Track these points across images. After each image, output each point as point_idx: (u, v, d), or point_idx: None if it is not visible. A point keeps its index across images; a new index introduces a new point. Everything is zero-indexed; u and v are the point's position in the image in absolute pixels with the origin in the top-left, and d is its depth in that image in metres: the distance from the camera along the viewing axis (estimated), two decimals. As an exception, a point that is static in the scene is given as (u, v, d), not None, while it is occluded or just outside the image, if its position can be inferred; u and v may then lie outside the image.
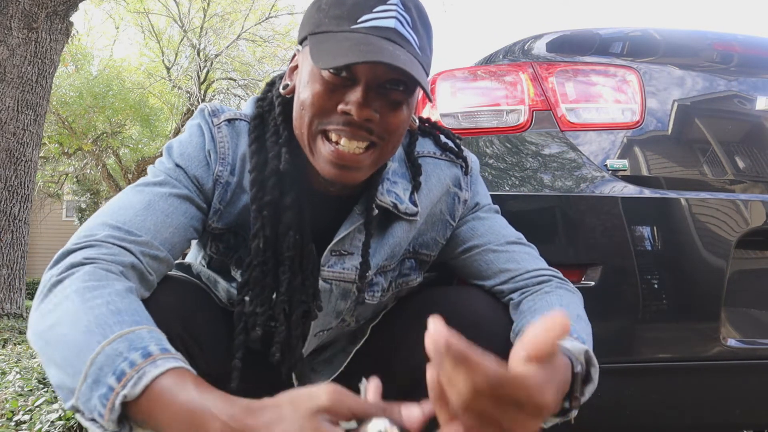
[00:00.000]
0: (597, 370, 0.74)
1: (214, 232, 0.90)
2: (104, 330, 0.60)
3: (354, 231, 0.90)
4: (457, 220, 0.98)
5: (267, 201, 0.82)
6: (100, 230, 0.75)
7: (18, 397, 1.92)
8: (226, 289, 0.93)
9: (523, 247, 0.96)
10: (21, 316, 4.76)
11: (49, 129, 11.89)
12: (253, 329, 0.83)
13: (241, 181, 0.87)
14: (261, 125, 0.88)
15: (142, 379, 0.56)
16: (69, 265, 0.69)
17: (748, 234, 1.25)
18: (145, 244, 0.76)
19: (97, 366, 0.58)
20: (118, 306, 0.63)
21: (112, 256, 0.71)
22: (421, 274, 1.02)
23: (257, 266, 0.83)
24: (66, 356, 0.61)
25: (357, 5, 0.76)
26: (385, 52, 0.72)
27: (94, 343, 0.59)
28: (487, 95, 1.36)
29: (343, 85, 0.76)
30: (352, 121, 0.75)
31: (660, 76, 1.37)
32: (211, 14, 13.52)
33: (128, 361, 0.57)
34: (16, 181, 4.81)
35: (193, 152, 0.86)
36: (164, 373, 0.57)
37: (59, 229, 19.98)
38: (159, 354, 0.59)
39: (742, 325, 1.26)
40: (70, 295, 0.65)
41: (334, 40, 0.75)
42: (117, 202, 0.80)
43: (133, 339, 0.59)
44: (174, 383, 0.56)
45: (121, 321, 0.61)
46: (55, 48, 4.99)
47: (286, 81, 0.87)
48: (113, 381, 0.57)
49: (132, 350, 0.58)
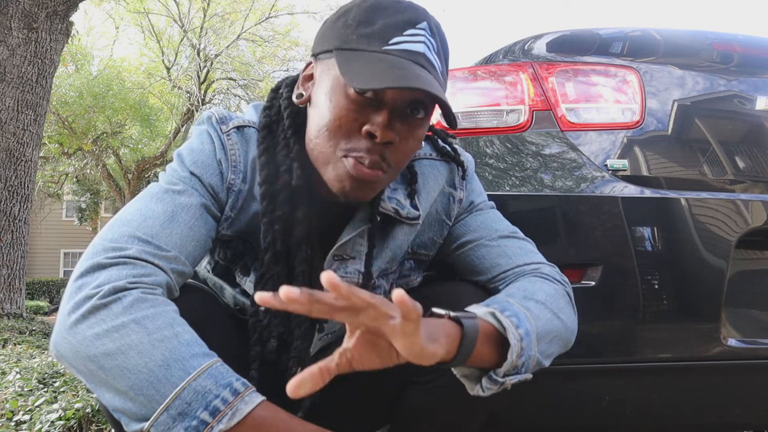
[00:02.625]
0: (515, 335, 0.75)
1: (223, 239, 0.90)
2: (183, 365, 0.66)
3: (356, 236, 0.90)
4: (453, 219, 0.99)
5: (278, 215, 0.82)
6: (128, 244, 0.74)
7: (18, 397, 1.92)
8: (232, 296, 0.94)
9: (516, 241, 0.96)
10: (21, 316, 4.75)
11: (49, 129, 11.89)
12: (268, 341, 0.84)
13: (251, 189, 0.87)
14: (270, 136, 0.87)
15: (236, 415, 0.65)
16: (112, 289, 0.69)
17: (748, 234, 1.25)
18: (174, 259, 0.76)
19: (184, 400, 0.64)
20: (186, 337, 0.69)
21: (150, 277, 0.73)
22: (420, 274, 1.03)
23: (270, 279, 0.84)
24: (136, 385, 0.65)
25: (388, 27, 0.75)
26: (420, 78, 0.72)
27: (176, 378, 0.65)
28: (487, 95, 1.36)
29: (368, 105, 0.75)
30: (373, 147, 0.76)
31: (660, 76, 1.37)
32: (211, 14, 13.53)
33: (220, 398, 0.65)
34: (16, 181, 4.80)
35: (206, 160, 0.85)
36: (255, 408, 0.66)
37: (59, 229, 19.98)
38: (244, 391, 0.66)
39: (742, 325, 1.26)
40: (129, 324, 0.67)
41: (367, 60, 0.74)
42: (140, 212, 0.79)
43: (216, 375, 0.66)
44: (270, 415, 0.67)
45: (193, 354, 0.67)
46: (55, 48, 4.99)
47: (300, 90, 0.85)
48: (206, 416, 0.64)
49: (220, 387, 0.65)
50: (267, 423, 0.66)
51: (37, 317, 5.27)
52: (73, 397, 1.90)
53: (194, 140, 0.88)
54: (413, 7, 0.78)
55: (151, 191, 0.82)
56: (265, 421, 0.66)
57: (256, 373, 0.83)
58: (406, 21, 0.76)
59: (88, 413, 1.74)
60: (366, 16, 0.77)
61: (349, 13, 0.79)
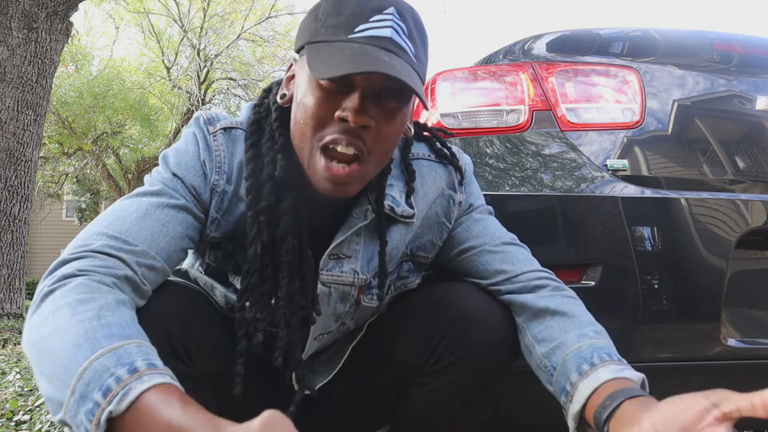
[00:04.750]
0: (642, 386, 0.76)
1: (212, 242, 0.90)
2: (93, 344, 0.60)
3: (352, 235, 0.91)
4: (452, 221, 0.99)
5: (263, 207, 0.82)
6: (95, 240, 0.74)
7: (18, 397, 1.92)
8: (223, 294, 0.93)
9: (517, 247, 0.97)
10: (21, 316, 4.75)
11: (49, 129, 11.89)
12: (254, 335, 0.84)
13: (237, 190, 0.87)
14: (257, 131, 0.87)
15: (128, 395, 0.56)
16: (61, 276, 0.68)
17: (748, 234, 1.25)
18: (141, 254, 0.76)
19: (84, 381, 0.58)
20: (109, 320, 0.63)
21: (106, 268, 0.71)
22: (419, 276, 1.02)
23: (255, 272, 0.84)
24: (55, 369, 0.60)
25: (353, 15, 0.76)
26: (382, 62, 0.73)
27: (82, 357, 0.59)
28: (487, 95, 1.36)
29: (340, 92, 0.76)
30: (348, 129, 0.76)
31: (660, 76, 1.37)
32: (211, 14, 13.52)
33: (115, 376, 0.57)
34: (16, 181, 4.80)
35: (189, 161, 0.85)
36: (149, 389, 0.57)
37: (59, 229, 19.98)
38: (145, 369, 0.58)
39: (742, 325, 1.26)
40: (62, 307, 0.64)
41: (331, 49, 0.75)
42: (113, 212, 0.79)
43: (121, 354, 0.59)
44: (159, 400, 0.56)
45: (110, 335, 0.61)
46: (55, 48, 4.99)
47: (284, 90, 0.87)
48: (99, 396, 0.56)
49: (119, 366, 0.58)
50: (155, 408, 0.56)
51: (37, 317, 5.27)
52: (73, 397, 1.89)
53: (180, 142, 0.89)
54: None
55: (130, 195, 0.83)
56: (155, 404, 0.56)
57: (242, 368, 0.82)
58: (372, 8, 0.76)
59: (88, 413, 1.74)
60: (334, 8, 0.78)
61: (319, 8, 0.80)
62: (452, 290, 0.95)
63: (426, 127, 1.03)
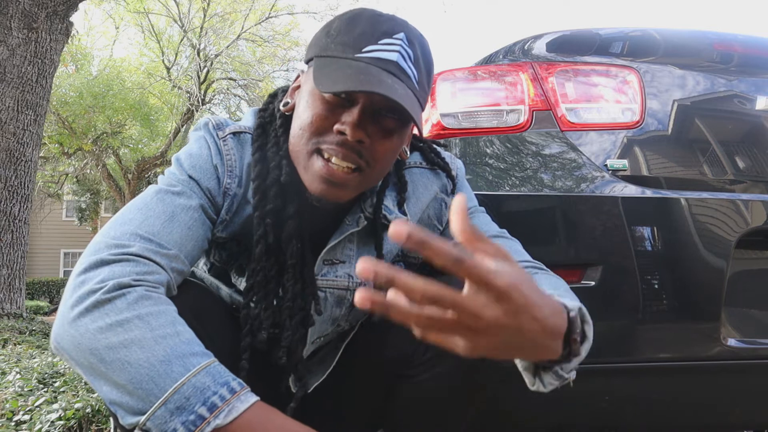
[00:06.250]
0: (591, 328, 0.73)
1: (218, 241, 0.92)
2: (183, 361, 0.68)
3: (344, 240, 0.93)
4: (444, 224, 1.02)
5: (270, 209, 0.85)
6: (132, 241, 0.76)
7: (18, 397, 1.92)
8: (228, 294, 0.96)
9: (506, 240, 0.98)
10: (21, 316, 4.75)
11: (49, 129, 11.89)
12: (259, 332, 0.86)
13: (246, 192, 0.89)
14: (263, 135, 0.90)
15: (232, 412, 0.67)
16: (117, 285, 0.71)
17: (748, 234, 1.25)
18: (174, 258, 0.79)
19: (183, 395, 0.66)
20: (186, 336, 0.71)
21: (153, 275, 0.75)
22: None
23: (260, 271, 0.86)
24: (136, 379, 0.67)
25: (363, 35, 0.79)
26: (384, 83, 0.75)
27: (176, 373, 0.67)
28: (487, 95, 1.36)
29: (341, 106, 0.79)
30: (345, 142, 0.79)
31: (660, 76, 1.37)
32: (211, 14, 13.53)
33: (218, 395, 0.67)
34: (16, 181, 4.80)
35: (203, 165, 0.88)
36: (250, 407, 0.68)
37: (59, 229, 19.98)
38: (240, 390, 0.69)
39: (742, 325, 1.26)
40: (133, 320, 0.69)
41: (337, 65, 0.78)
42: (140, 211, 0.81)
43: (214, 373, 0.69)
44: (262, 414, 0.69)
45: (193, 352, 0.70)
46: (55, 48, 4.99)
47: (288, 99, 0.90)
48: (204, 411, 0.66)
49: (218, 385, 0.68)
50: (260, 422, 0.68)
51: (37, 317, 5.27)
52: (73, 397, 1.90)
53: (192, 145, 0.91)
54: (392, 19, 0.82)
55: (150, 192, 0.85)
56: (259, 419, 0.68)
57: (246, 363, 0.85)
58: (383, 31, 0.80)
59: (88, 413, 1.74)
60: (346, 27, 0.81)
61: (332, 24, 0.84)
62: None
63: (420, 138, 1.04)
